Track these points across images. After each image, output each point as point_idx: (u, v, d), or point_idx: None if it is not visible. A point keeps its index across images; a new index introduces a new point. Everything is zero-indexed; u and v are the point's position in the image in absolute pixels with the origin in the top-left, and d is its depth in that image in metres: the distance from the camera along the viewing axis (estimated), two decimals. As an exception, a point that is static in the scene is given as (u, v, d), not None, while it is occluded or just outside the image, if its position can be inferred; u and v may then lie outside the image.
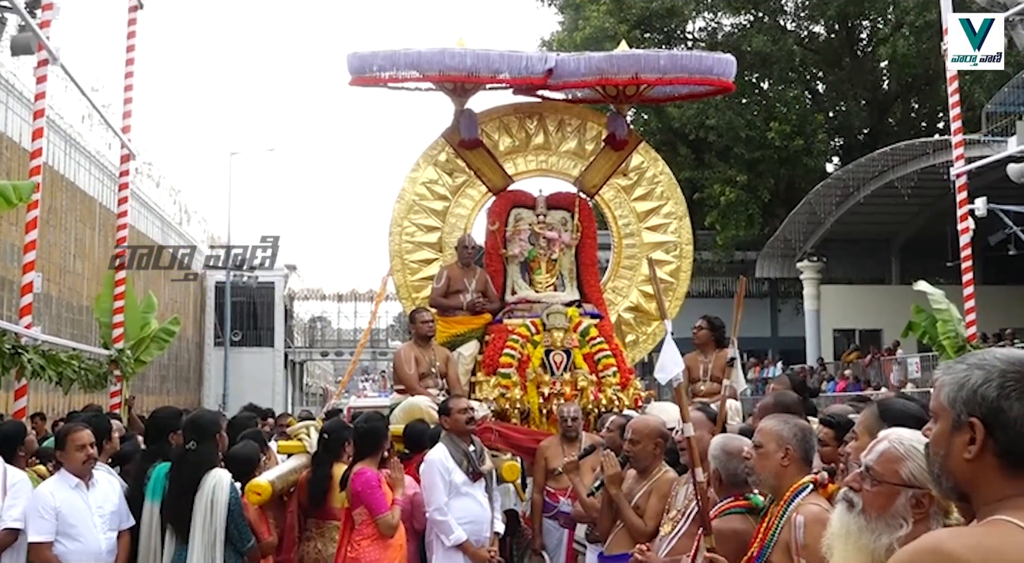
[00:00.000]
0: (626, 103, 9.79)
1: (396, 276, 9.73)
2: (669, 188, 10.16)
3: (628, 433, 5.26)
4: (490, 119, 9.93)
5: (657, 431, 5.21)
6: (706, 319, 8.42)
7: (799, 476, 3.42)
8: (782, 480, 3.43)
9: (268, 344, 34.41)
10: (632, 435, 5.21)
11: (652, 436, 5.18)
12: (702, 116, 26.31)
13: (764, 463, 3.48)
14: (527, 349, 8.48)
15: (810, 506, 3.29)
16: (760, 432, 3.55)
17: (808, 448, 3.50)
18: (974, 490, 1.74)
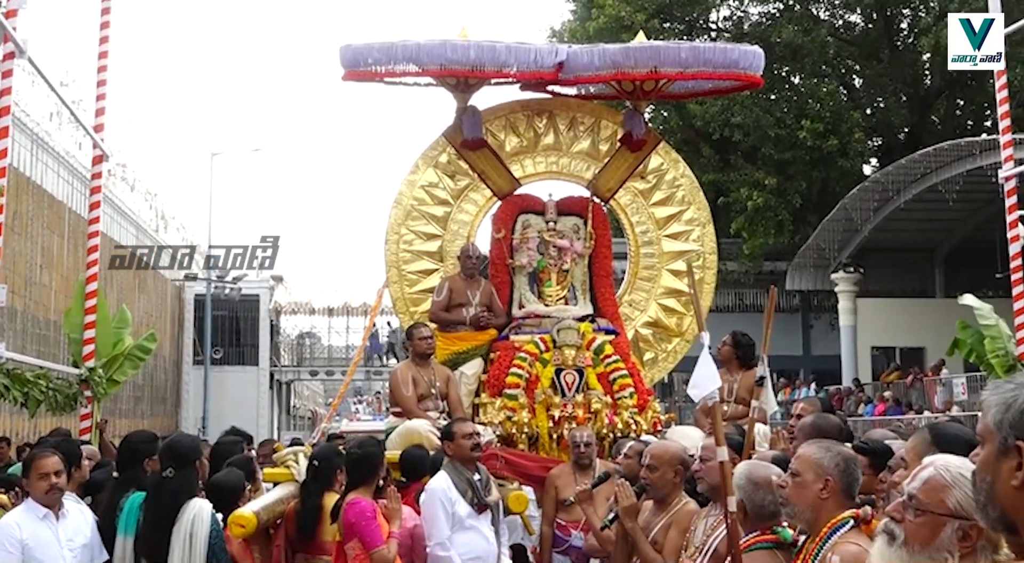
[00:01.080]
0: (644, 99, 9.81)
1: (393, 288, 9.76)
2: (691, 192, 10.18)
3: (646, 459, 5.25)
4: (495, 117, 9.97)
5: (678, 458, 5.20)
6: (732, 335, 8.43)
7: (838, 510, 3.38)
8: (819, 514, 3.39)
9: (252, 362, 34.44)
10: (651, 461, 5.20)
11: (672, 463, 5.17)
12: (727, 113, 26.36)
13: (800, 493, 3.45)
14: (536, 368, 8.49)
15: (848, 545, 3.24)
16: (798, 459, 3.52)
17: (851, 481, 3.46)
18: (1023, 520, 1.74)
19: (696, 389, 4.75)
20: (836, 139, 26.31)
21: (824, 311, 30.64)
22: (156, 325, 27.52)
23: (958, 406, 21.01)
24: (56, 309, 20.15)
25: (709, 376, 4.70)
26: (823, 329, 30.85)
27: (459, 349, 8.95)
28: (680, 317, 10.00)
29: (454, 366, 8.81)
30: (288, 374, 37.20)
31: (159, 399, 31.08)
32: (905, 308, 27.93)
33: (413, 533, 6.05)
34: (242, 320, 34.81)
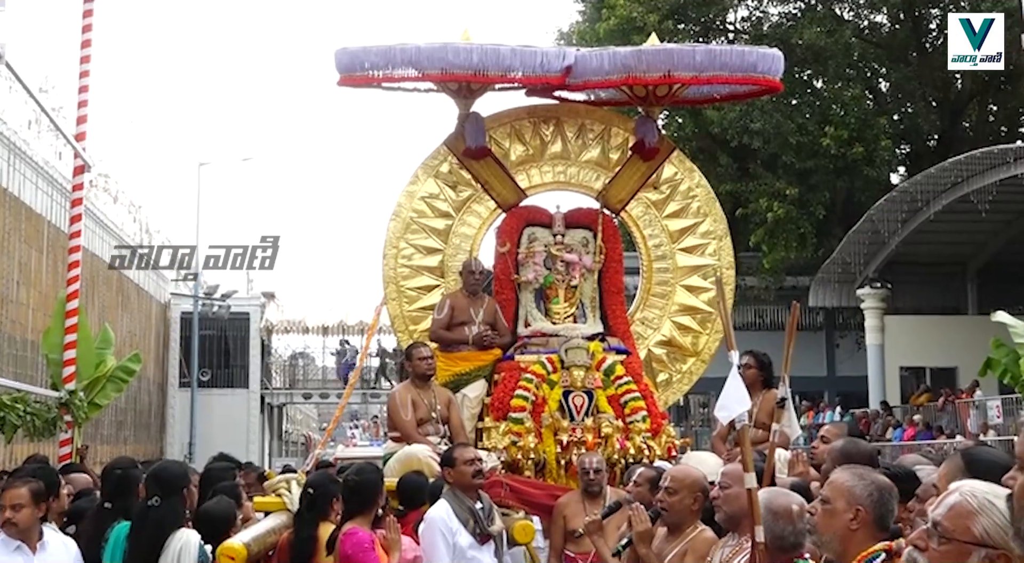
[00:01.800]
0: (657, 105, 9.85)
1: (391, 306, 9.78)
2: (707, 203, 10.21)
3: (665, 481, 5.27)
4: (500, 124, 10.01)
5: (698, 484, 5.22)
6: (753, 355, 8.44)
7: (869, 542, 3.35)
8: (848, 545, 3.37)
9: (242, 385, 34.44)
10: (670, 484, 5.21)
11: (692, 489, 5.18)
12: (745, 120, 26.41)
13: (829, 522, 3.43)
14: (543, 390, 8.50)
15: None
16: (830, 485, 3.51)
17: (885, 511, 3.44)
18: None
19: (725, 411, 4.76)
20: (861, 146, 26.34)
21: (849, 329, 30.62)
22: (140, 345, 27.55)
23: (993, 430, 20.96)
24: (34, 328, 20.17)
25: (738, 397, 4.71)
26: (848, 348, 30.83)
27: (461, 370, 8.96)
28: (696, 336, 10.01)
29: (456, 388, 8.82)
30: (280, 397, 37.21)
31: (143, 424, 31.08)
32: (935, 326, 27.90)
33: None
34: (231, 340, 34.81)
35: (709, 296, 9.97)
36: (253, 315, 34.52)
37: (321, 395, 36.35)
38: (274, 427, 38.54)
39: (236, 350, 34.86)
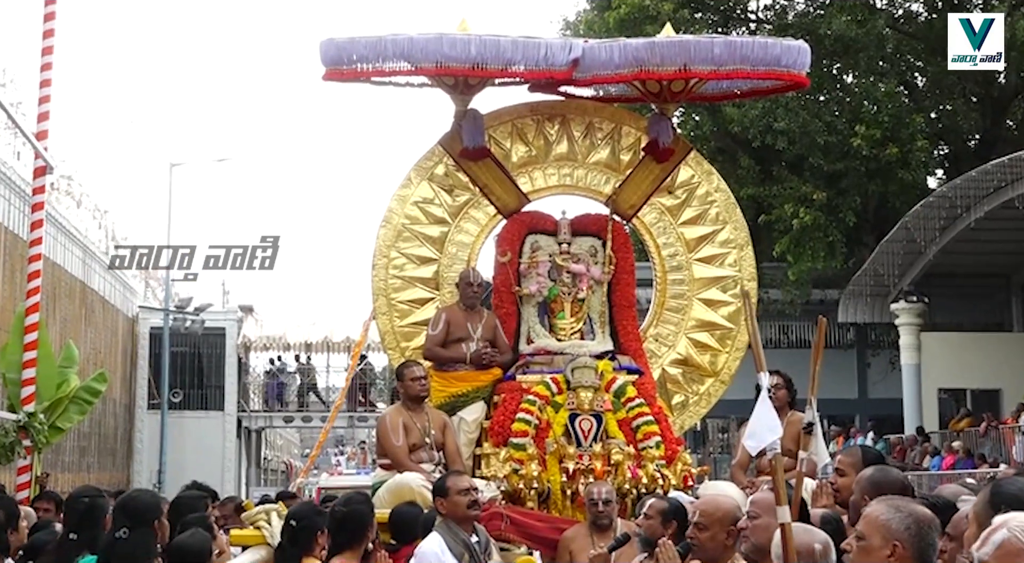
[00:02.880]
0: (672, 102, 9.89)
1: (381, 320, 9.80)
2: (727, 209, 10.23)
3: (694, 516, 5.25)
4: (500, 122, 10.04)
5: (730, 516, 5.18)
6: (780, 375, 8.45)
7: None
8: None
9: (216, 407, 34.40)
10: (699, 519, 5.19)
11: (724, 522, 5.15)
12: (768, 118, 26.43)
13: (865, 560, 3.44)
14: (547, 413, 8.51)
15: None
16: (864, 520, 3.51)
17: (924, 546, 3.44)
18: None
19: (754, 440, 4.77)
20: (896, 147, 26.33)
21: (883, 347, 30.58)
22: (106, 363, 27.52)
23: (1040, 458, 20.93)
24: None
25: (769, 424, 4.72)
26: (881, 368, 30.80)
27: (458, 391, 8.97)
28: (714, 354, 10.03)
29: (452, 411, 8.84)
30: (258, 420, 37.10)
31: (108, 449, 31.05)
32: (977, 344, 27.87)
33: (404, 604, 6.06)
34: (205, 357, 34.78)
35: (729, 311, 9.99)
36: (229, 330, 34.48)
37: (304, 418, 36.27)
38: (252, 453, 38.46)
39: (211, 369, 34.83)
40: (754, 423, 4.76)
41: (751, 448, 4.84)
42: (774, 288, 27.59)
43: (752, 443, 4.81)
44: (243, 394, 35.38)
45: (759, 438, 4.74)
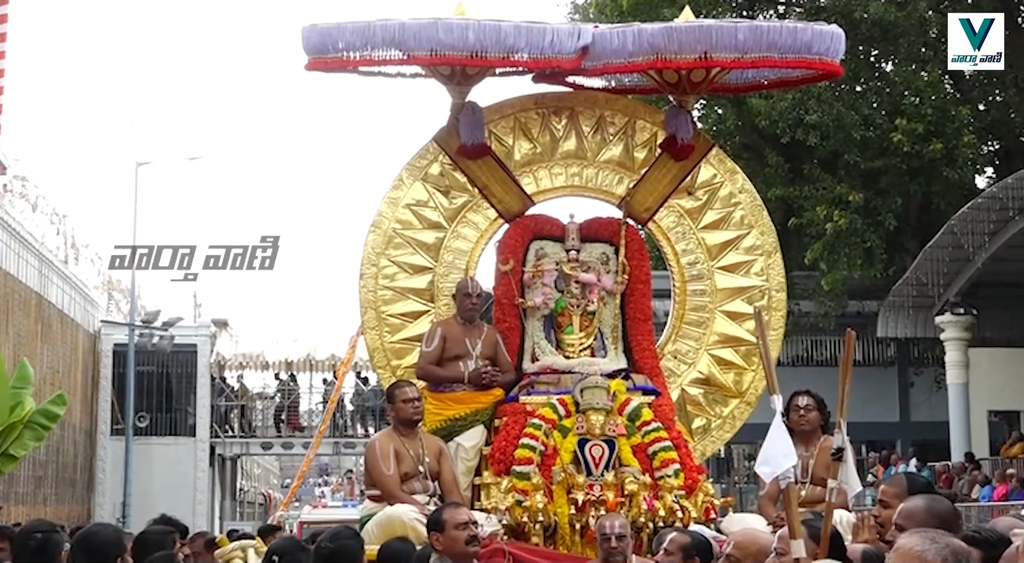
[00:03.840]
0: (692, 93, 9.91)
1: (369, 336, 9.80)
2: (753, 212, 10.24)
3: (728, 548, 5.29)
4: (502, 117, 10.06)
5: (765, 551, 5.23)
6: (811, 396, 8.45)
7: None
8: None
9: (187, 432, 34.38)
10: (734, 551, 5.23)
11: (759, 556, 5.21)
12: (799, 110, 26.46)
13: None
14: (553, 439, 8.51)
15: None
16: (897, 552, 3.53)
17: None
18: None
19: (768, 466, 4.79)
20: (940, 143, 26.33)
21: (927, 365, 30.54)
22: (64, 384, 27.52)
23: (1102, 487, 20.90)
24: (-64, 363, 20.17)
25: (783, 450, 4.73)
26: (925, 388, 30.76)
27: (455, 414, 8.98)
28: (739, 372, 10.03)
29: (448, 436, 8.84)
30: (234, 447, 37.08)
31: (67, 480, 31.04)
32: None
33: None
34: (175, 377, 34.78)
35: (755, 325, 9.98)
36: (201, 347, 34.47)
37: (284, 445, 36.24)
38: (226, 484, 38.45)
39: (181, 390, 34.82)
40: (768, 449, 4.78)
41: (764, 475, 4.87)
42: (806, 299, 27.55)
43: (766, 470, 4.83)
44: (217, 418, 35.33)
45: (773, 464, 4.76)
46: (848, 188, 26.86)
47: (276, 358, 35.39)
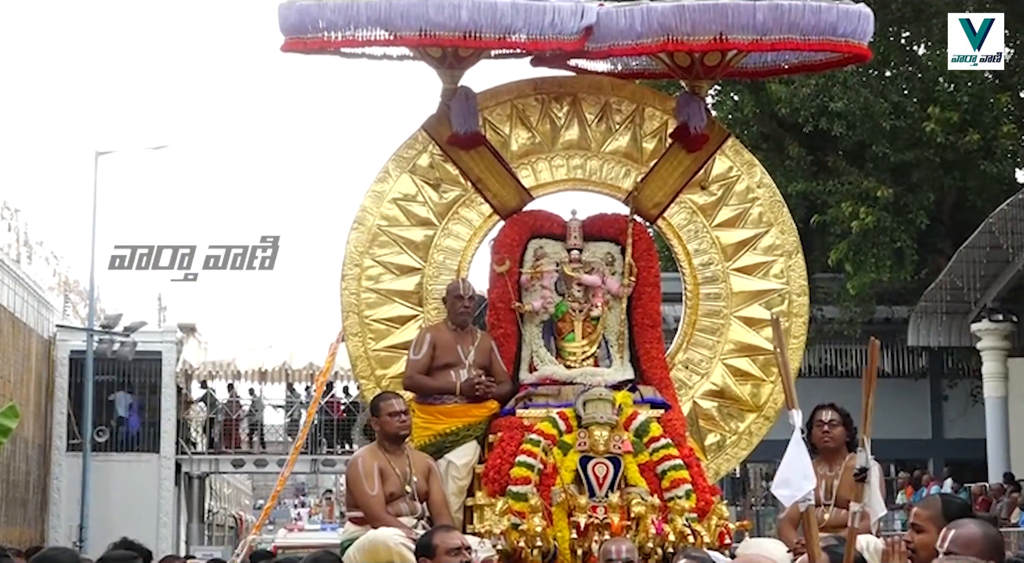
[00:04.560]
0: (706, 78, 9.91)
1: (352, 343, 9.80)
2: (772, 208, 10.25)
3: None
4: (497, 103, 10.07)
5: None
6: (836, 410, 8.45)
7: None
8: None
9: (150, 448, 34.32)
10: None
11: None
12: (823, 97, 26.46)
13: None
14: (553, 456, 8.52)
15: None
16: None
17: None
18: None
19: (785, 489, 4.79)
20: (977, 133, 26.33)
21: (962, 376, 30.56)
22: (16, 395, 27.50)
23: None
24: None
25: (803, 470, 4.74)
26: (960, 402, 30.77)
27: (445, 429, 8.97)
28: (757, 384, 10.03)
29: (438, 453, 8.84)
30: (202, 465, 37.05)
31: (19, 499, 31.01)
32: (1077, 372, 27.86)
33: None
34: (137, 388, 34.74)
35: (774, 331, 9.98)
36: (167, 355, 34.39)
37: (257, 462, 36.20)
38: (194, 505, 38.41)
39: (144, 402, 34.78)
40: (786, 469, 4.79)
41: (782, 498, 4.88)
42: (829, 304, 27.58)
43: (784, 493, 4.84)
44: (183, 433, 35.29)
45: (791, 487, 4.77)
46: (876, 182, 26.86)
47: (249, 366, 35.35)
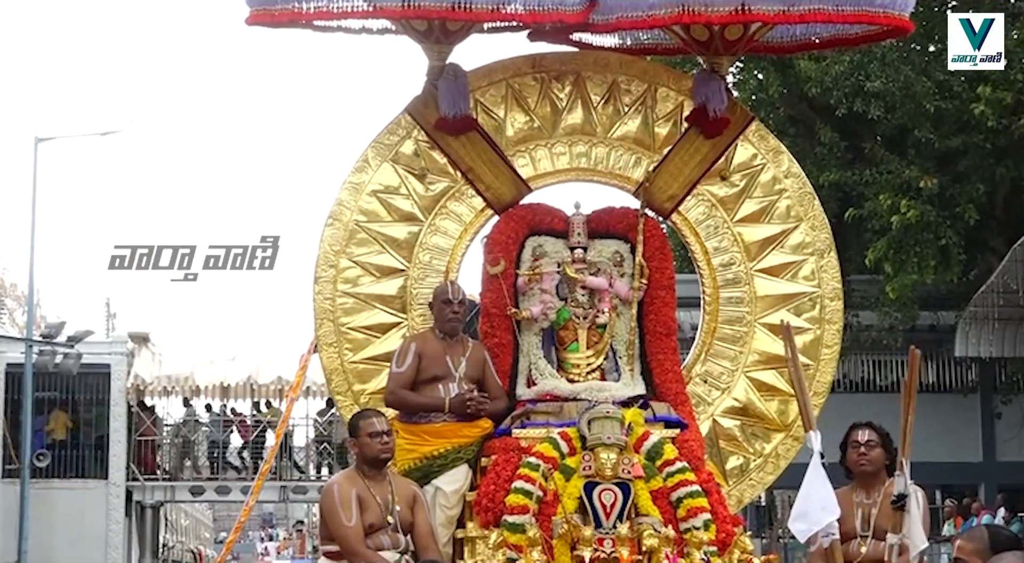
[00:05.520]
0: (727, 54, 9.91)
1: (325, 354, 9.80)
2: (801, 201, 10.27)
3: None
4: (491, 83, 10.08)
5: None
6: (874, 429, 8.44)
7: None
8: None
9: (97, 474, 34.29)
10: None
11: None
12: (858, 76, 26.45)
13: None
14: (554, 482, 8.52)
15: None
16: None
17: None
18: None
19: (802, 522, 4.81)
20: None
21: (1017, 391, 30.55)
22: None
23: None
24: None
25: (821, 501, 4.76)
26: (1015, 421, 30.77)
27: (433, 451, 8.98)
28: (784, 400, 10.02)
29: (424, 478, 8.85)
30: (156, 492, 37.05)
31: (-53, 532, 31.01)
32: None
33: None
34: (83, 406, 34.72)
35: (805, 340, 9.98)
36: (116, 368, 34.36)
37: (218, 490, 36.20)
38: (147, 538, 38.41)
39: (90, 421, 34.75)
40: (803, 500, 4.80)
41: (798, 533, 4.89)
42: (867, 310, 27.56)
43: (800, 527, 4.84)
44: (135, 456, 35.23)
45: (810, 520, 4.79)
46: (919, 172, 26.86)
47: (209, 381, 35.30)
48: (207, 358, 35.81)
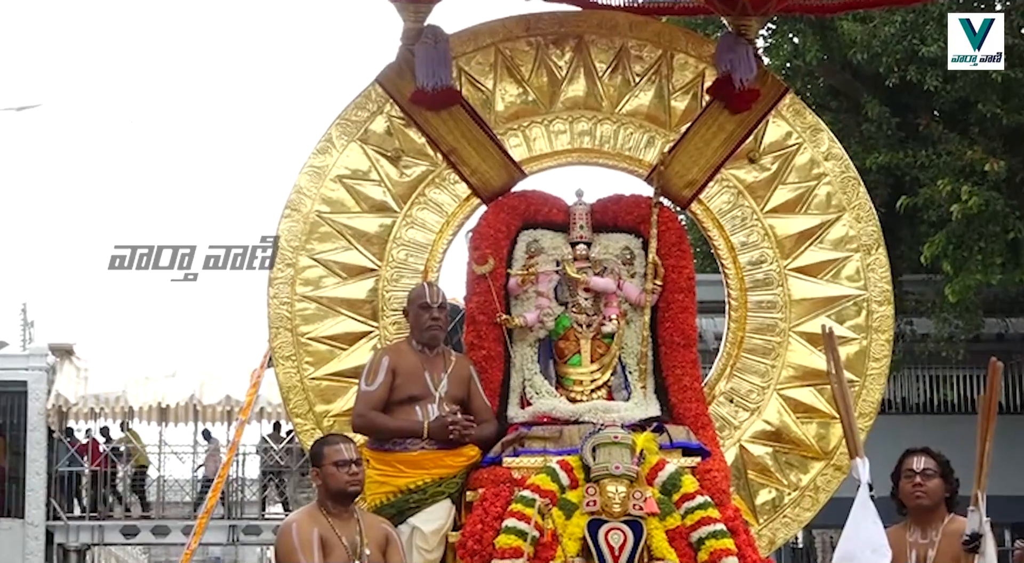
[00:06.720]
0: (756, 15, 9.94)
1: (282, 369, 9.81)
2: (844, 188, 10.28)
3: None
4: (477, 48, 10.09)
5: None
6: (931, 456, 8.44)
7: None
8: None
9: (11, 513, 34.39)
10: None
11: None
12: (911, 40, 26.51)
13: None
14: (553, 520, 8.53)
15: None
16: None
17: None
18: None
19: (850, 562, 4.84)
20: (1119, 87, 26.46)
21: (1102, 411, 30.65)
22: None
23: None
24: None
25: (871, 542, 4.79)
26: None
27: (409, 484, 8.98)
28: (825, 423, 10.02)
29: (399, 516, 8.86)
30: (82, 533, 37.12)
31: None
32: None
33: None
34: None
35: (849, 352, 9.99)
36: (34, 386, 34.44)
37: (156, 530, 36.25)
38: (71, 587, 38.45)
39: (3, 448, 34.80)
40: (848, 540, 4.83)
41: None
42: (922, 315, 27.60)
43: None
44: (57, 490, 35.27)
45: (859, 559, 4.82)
46: (983, 153, 26.90)
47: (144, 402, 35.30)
48: (142, 374, 35.67)
